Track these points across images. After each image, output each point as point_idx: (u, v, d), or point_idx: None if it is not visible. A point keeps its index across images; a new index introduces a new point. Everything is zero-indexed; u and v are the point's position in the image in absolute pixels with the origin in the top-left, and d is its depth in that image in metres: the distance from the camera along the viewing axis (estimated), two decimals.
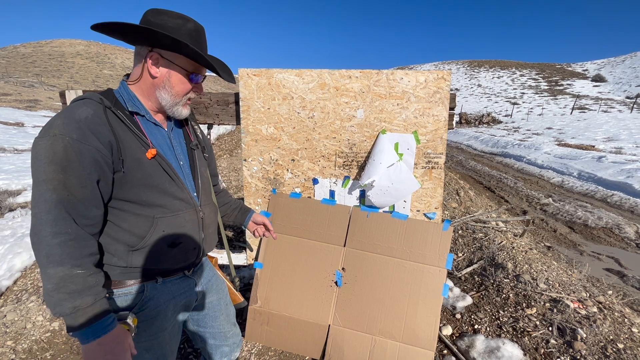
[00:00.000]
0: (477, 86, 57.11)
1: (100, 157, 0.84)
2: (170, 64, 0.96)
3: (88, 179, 0.83)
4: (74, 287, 0.80)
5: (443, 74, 1.75)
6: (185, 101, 1.03)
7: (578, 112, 26.52)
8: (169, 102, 0.99)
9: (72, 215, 0.82)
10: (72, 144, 0.81)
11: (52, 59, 45.37)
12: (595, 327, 1.92)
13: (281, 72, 1.77)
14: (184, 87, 0.99)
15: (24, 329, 2.16)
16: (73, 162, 0.81)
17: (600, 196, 5.86)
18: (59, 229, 0.80)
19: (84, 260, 0.83)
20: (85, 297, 0.81)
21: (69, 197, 0.81)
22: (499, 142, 12.80)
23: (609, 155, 8.20)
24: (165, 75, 0.96)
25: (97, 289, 0.85)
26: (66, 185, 0.80)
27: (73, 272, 0.80)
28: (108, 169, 0.87)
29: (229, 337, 1.31)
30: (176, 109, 1.02)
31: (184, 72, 0.98)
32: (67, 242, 0.80)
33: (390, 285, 1.77)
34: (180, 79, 0.98)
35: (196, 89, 1.04)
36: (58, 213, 0.80)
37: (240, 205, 1.48)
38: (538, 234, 4.21)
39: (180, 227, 1.01)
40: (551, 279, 2.44)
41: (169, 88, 0.97)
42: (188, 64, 0.98)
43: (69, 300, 0.80)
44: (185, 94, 1.01)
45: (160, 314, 1.01)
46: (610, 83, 48.76)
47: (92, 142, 0.83)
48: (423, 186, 1.85)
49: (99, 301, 0.84)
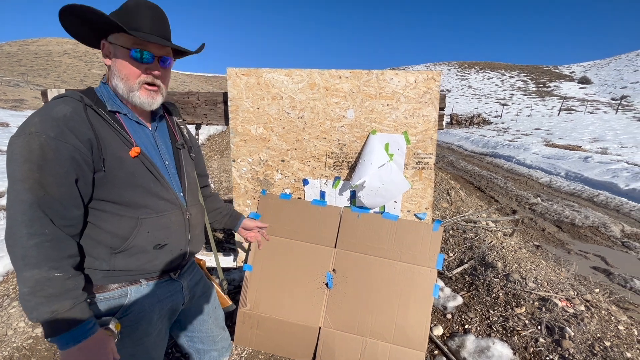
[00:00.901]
0: (467, 87, 57.88)
1: (79, 156, 0.81)
2: (115, 47, 0.91)
3: (66, 178, 0.80)
4: (52, 290, 0.77)
5: (433, 75, 1.75)
6: (139, 86, 0.93)
7: (565, 113, 27.10)
8: (123, 90, 0.92)
9: (49, 216, 0.79)
10: (49, 142, 0.77)
11: (38, 57, 44.38)
12: (583, 325, 1.95)
13: (270, 72, 1.75)
14: (130, 69, 0.91)
15: (5, 336, 2.09)
16: (50, 160, 0.77)
17: (587, 195, 5.97)
18: (35, 230, 0.76)
19: (62, 262, 0.80)
20: (63, 300, 0.78)
21: (46, 196, 0.78)
22: (489, 143, 12.97)
23: (595, 156, 8.39)
24: (113, 60, 0.92)
25: (76, 292, 0.81)
26: (43, 185, 0.77)
27: (50, 274, 0.77)
28: (87, 168, 0.84)
29: (217, 341, 1.28)
30: (133, 96, 0.93)
31: (125, 51, 0.90)
32: (44, 243, 0.77)
33: (381, 286, 1.76)
34: (124, 59, 0.91)
35: (149, 70, 0.93)
36: (34, 213, 0.76)
37: (231, 212, 1.45)
38: (527, 233, 4.27)
39: (166, 228, 0.98)
40: (540, 277, 2.47)
41: (117, 73, 0.92)
42: (127, 41, 0.90)
43: (46, 305, 0.76)
44: (137, 77, 0.92)
45: (145, 319, 0.98)
46: (596, 85, 49.97)
47: (70, 140, 0.80)
48: (413, 187, 1.85)
49: (79, 305, 0.81)
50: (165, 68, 0.98)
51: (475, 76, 66.56)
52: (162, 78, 0.98)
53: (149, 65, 0.93)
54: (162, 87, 0.99)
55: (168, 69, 1.00)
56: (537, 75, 60.66)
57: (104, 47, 0.94)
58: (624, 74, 50.60)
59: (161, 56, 0.95)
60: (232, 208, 1.48)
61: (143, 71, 0.93)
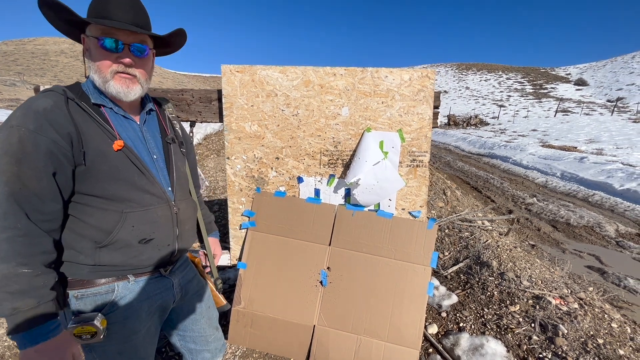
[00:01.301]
0: (465, 88, 58.12)
1: (57, 149, 0.81)
2: (88, 39, 0.92)
3: (44, 172, 0.79)
4: (17, 287, 0.76)
5: (427, 73, 1.76)
6: (112, 75, 0.91)
7: (561, 114, 27.28)
8: (99, 82, 0.91)
9: (25, 210, 0.77)
10: (28, 135, 0.77)
11: (35, 57, 44.10)
12: (576, 322, 1.95)
13: (265, 69, 1.75)
14: (102, 59, 0.90)
15: None
16: (29, 153, 0.77)
17: (582, 196, 6.01)
18: (8, 224, 0.75)
19: (33, 258, 0.78)
20: (27, 298, 0.76)
21: (22, 190, 0.77)
22: (486, 144, 13.02)
23: (590, 157, 8.44)
24: (88, 52, 0.92)
25: (43, 290, 0.80)
26: (20, 178, 0.76)
27: (18, 270, 0.76)
28: (67, 162, 0.83)
29: (210, 341, 1.26)
30: (108, 86, 0.91)
31: (95, 41, 0.89)
32: (16, 238, 0.76)
33: (375, 284, 1.76)
34: (96, 50, 0.90)
35: (119, 59, 0.91)
36: (9, 207, 0.75)
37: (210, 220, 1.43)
38: (523, 232, 4.28)
39: (152, 222, 0.97)
40: (534, 276, 2.48)
41: (92, 65, 0.91)
42: (96, 31, 0.89)
43: (9, 301, 0.75)
44: (108, 67, 0.90)
45: (133, 315, 0.97)
46: (592, 87, 50.33)
47: (49, 133, 0.79)
48: (408, 184, 1.85)
49: (43, 304, 0.79)
50: (140, 58, 0.95)
51: (473, 77, 66.87)
52: (139, 68, 0.96)
53: (119, 54, 0.91)
54: (140, 77, 0.96)
55: (145, 58, 0.97)
56: (534, 77, 61.03)
57: (84, 41, 0.94)
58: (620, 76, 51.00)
59: (131, 43, 0.92)
60: (212, 218, 1.45)
61: (113, 60, 0.91)
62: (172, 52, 1.13)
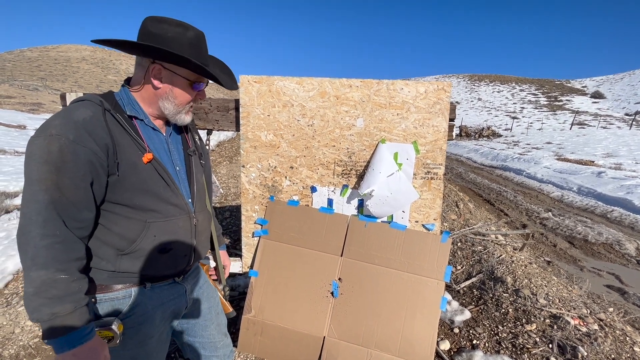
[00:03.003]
0: (477, 100, 57.66)
1: (96, 159, 0.83)
2: (173, 75, 0.96)
3: (82, 181, 0.81)
4: (56, 292, 0.77)
5: (443, 85, 1.76)
6: (188, 109, 1.03)
7: (577, 127, 26.72)
8: (172, 111, 1.00)
9: (63, 217, 0.80)
10: (68, 145, 0.79)
11: (57, 63, 45.88)
12: (597, 345, 1.88)
13: (282, 80, 1.78)
14: (186, 97, 1.00)
15: (12, 334, 2.11)
16: (68, 163, 0.79)
17: (600, 212, 5.83)
18: (48, 231, 0.77)
19: (69, 264, 0.80)
20: (65, 304, 0.78)
21: (61, 198, 0.79)
22: (499, 156, 12.83)
23: (608, 171, 8.21)
24: (168, 86, 0.96)
25: (79, 295, 0.82)
26: (59, 187, 0.79)
27: (56, 276, 0.78)
28: (103, 172, 0.85)
29: (219, 347, 1.27)
30: (179, 117, 1.02)
31: (186, 82, 0.98)
32: (55, 245, 0.78)
33: (387, 297, 1.74)
34: (182, 89, 0.98)
35: (199, 96, 1.05)
36: (48, 214, 0.78)
37: (220, 233, 1.45)
38: (538, 248, 4.17)
39: (173, 233, 0.99)
40: (551, 294, 2.40)
41: (172, 99, 0.98)
42: (190, 75, 0.98)
43: (48, 306, 0.77)
44: (189, 102, 1.02)
45: (148, 321, 0.98)
46: (609, 100, 49.28)
47: (89, 143, 0.82)
48: (422, 197, 1.83)
49: (79, 309, 0.81)
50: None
51: (485, 89, 66.36)
52: None
53: (199, 92, 1.04)
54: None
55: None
56: (549, 89, 60.18)
57: (155, 69, 0.94)
58: (638, 90, 49.84)
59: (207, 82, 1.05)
60: (220, 230, 1.49)
61: (193, 97, 1.02)
62: None
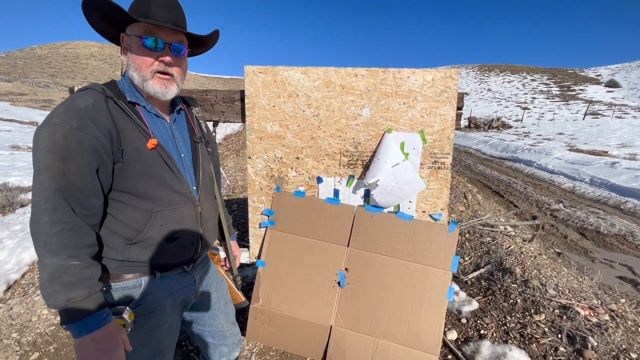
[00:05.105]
0: (487, 90, 56.52)
1: (100, 146, 0.84)
2: (130, 38, 0.93)
3: (87, 168, 0.82)
4: (69, 278, 0.79)
5: (451, 73, 1.72)
6: (152, 74, 0.93)
7: (591, 117, 26.03)
8: (138, 80, 0.93)
9: (71, 204, 0.81)
10: (72, 133, 0.80)
11: (67, 60, 46.43)
12: (607, 335, 1.85)
13: (287, 70, 1.77)
14: (143, 58, 0.92)
15: (29, 322, 2.19)
16: (73, 150, 0.80)
17: (614, 203, 5.70)
18: (57, 218, 0.79)
19: (80, 251, 0.82)
20: (79, 289, 0.80)
21: (68, 185, 0.80)
22: (509, 147, 12.61)
23: (622, 162, 8.01)
24: (129, 53, 0.94)
25: (93, 281, 0.83)
26: (65, 174, 0.80)
27: (69, 262, 0.79)
28: (108, 159, 0.86)
29: (227, 336, 1.28)
30: (147, 85, 0.93)
31: (137, 39, 0.91)
32: (65, 231, 0.79)
33: (393, 287, 1.74)
34: (137, 49, 0.92)
35: (160, 57, 0.93)
36: (57, 201, 0.79)
37: (229, 223, 1.45)
38: (548, 239, 4.12)
39: (178, 221, 1.00)
40: (561, 285, 2.38)
41: (132, 63, 0.93)
42: (139, 29, 0.91)
43: (63, 292, 0.78)
44: (149, 65, 0.92)
45: (158, 309, 1.00)
46: (625, 89, 47.77)
47: (92, 130, 0.82)
48: (429, 187, 1.81)
49: (94, 294, 0.82)
50: (178, 57, 0.97)
51: (495, 79, 64.95)
52: (176, 66, 0.98)
53: (160, 53, 0.93)
54: (176, 76, 0.98)
55: (182, 57, 0.99)
56: (561, 79, 58.60)
57: (123, 39, 0.96)
58: None
59: (171, 43, 0.94)
60: (230, 220, 1.48)
61: (155, 59, 0.93)
62: (202, 52, 1.15)
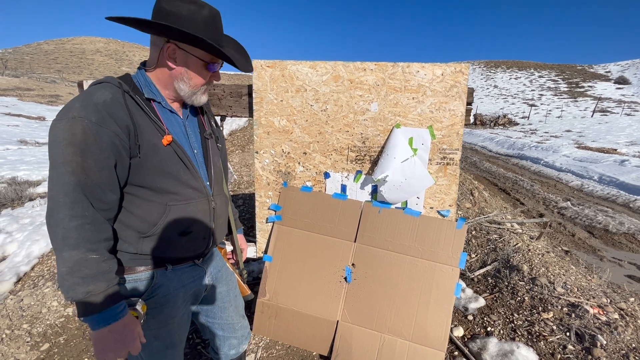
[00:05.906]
0: (493, 87, 55.86)
1: (118, 141, 0.84)
2: (188, 56, 0.94)
3: (106, 163, 0.82)
4: (88, 271, 0.80)
5: (461, 68, 1.70)
6: (203, 90, 1.02)
7: (599, 114, 25.63)
8: (187, 92, 0.99)
9: (90, 199, 0.81)
10: (91, 127, 0.80)
11: (73, 55, 46.72)
12: (617, 334, 1.84)
13: (295, 64, 1.76)
14: (201, 78, 0.99)
15: (40, 314, 2.22)
16: (91, 145, 0.80)
17: (622, 201, 5.63)
18: (76, 212, 0.79)
19: (99, 245, 0.82)
20: (98, 282, 0.81)
21: (87, 180, 0.80)
22: (515, 144, 12.48)
23: (632, 159, 7.89)
24: (183, 67, 0.95)
25: (111, 275, 0.84)
26: (84, 168, 0.80)
27: (88, 256, 0.80)
28: (125, 154, 0.86)
29: (237, 329, 1.30)
30: (195, 98, 1.01)
31: (201, 62, 0.96)
32: (84, 225, 0.80)
33: (400, 283, 1.73)
34: (197, 70, 0.97)
35: (213, 78, 1.03)
36: (76, 196, 0.79)
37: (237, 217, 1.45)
38: (555, 237, 4.08)
39: (192, 216, 1.00)
40: (569, 283, 2.35)
41: (187, 80, 0.97)
42: (205, 55, 0.96)
43: (82, 285, 0.79)
44: (203, 83, 1.00)
45: (170, 302, 1.01)
46: (635, 85, 46.92)
47: (111, 125, 0.82)
48: (437, 182, 1.80)
49: (112, 287, 0.83)
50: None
51: (502, 75, 64.12)
52: None
53: (213, 74, 1.02)
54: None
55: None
56: (570, 75, 57.68)
57: (169, 49, 0.93)
58: None
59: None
60: (237, 214, 1.48)
61: (208, 78, 1.01)
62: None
